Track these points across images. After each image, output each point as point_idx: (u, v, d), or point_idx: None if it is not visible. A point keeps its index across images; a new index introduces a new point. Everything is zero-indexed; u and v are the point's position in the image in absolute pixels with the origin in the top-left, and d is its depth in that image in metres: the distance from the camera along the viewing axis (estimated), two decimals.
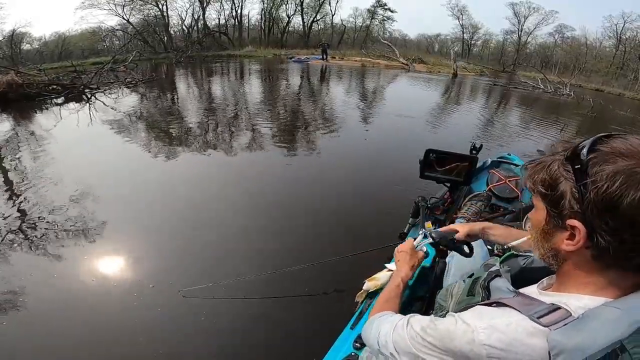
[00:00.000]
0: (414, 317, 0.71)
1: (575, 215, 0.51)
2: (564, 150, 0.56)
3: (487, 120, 7.97)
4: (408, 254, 1.10)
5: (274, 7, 27.56)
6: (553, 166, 0.56)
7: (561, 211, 0.54)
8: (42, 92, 7.47)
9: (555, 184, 0.54)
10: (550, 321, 0.50)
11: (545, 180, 0.56)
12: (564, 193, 0.53)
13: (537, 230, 0.61)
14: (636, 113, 11.09)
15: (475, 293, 0.81)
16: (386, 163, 4.28)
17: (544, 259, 0.61)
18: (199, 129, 5.77)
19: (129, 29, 21.24)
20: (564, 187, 0.53)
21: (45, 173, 3.67)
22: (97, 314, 1.92)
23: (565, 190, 0.53)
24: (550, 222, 0.57)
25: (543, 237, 0.59)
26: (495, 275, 0.76)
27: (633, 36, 23.38)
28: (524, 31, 28.29)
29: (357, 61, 20.01)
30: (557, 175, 0.54)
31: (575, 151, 0.53)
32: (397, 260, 1.11)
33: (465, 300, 0.83)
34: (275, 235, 2.70)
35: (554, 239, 0.57)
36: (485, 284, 0.77)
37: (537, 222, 0.60)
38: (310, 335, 1.81)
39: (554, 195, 0.55)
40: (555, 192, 0.54)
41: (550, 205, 0.56)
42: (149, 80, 10.39)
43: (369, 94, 10.44)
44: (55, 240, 2.53)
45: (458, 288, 0.99)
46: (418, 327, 0.66)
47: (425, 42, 34.13)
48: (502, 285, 0.70)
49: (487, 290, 0.76)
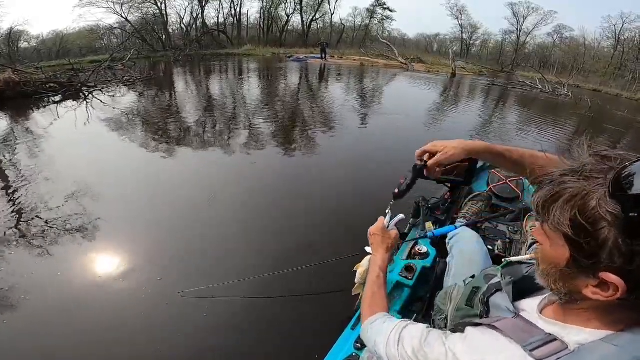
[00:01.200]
0: (406, 330, 0.70)
1: (614, 270, 0.41)
2: (600, 173, 0.43)
3: (486, 119, 7.98)
4: (380, 235, 1.05)
5: (273, 6, 27.54)
6: (590, 202, 0.42)
7: (595, 262, 0.43)
8: (40, 90, 7.42)
9: (592, 229, 0.41)
10: (543, 354, 0.48)
11: (576, 221, 0.42)
12: (604, 242, 0.41)
13: (551, 266, 0.51)
14: (634, 114, 11.13)
15: (474, 305, 0.79)
16: (386, 162, 4.27)
17: (555, 293, 0.53)
18: (198, 128, 5.75)
19: (127, 27, 21.16)
20: (606, 236, 0.40)
21: (42, 171, 3.64)
22: (96, 313, 1.91)
23: (607, 239, 0.40)
24: (573, 267, 0.46)
25: (560, 276, 0.49)
26: (496, 290, 0.72)
27: (632, 37, 23.47)
28: (523, 31, 28.44)
29: (356, 60, 20.00)
30: (597, 218, 0.41)
31: (621, 181, 0.40)
32: (371, 244, 1.07)
33: (464, 310, 0.83)
34: (275, 236, 2.70)
35: (575, 281, 0.47)
36: (484, 299, 0.74)
37: (553, 260, 0.49)
38: (311, 336, 1.80)
39: (588, 244, 0.42)
40: (592, 239, 0.42)
41: (579, 253, 0.44)
42: (147, 79, 10.34)
43: (368, 94, 10.43)
44: (52, 240, 2.51)
45: (457, 292, 0.96)
46: (410, 350, 0.65)
47: (424, 42, 34.23)
48: (501, 303, 0.67)
49: (486, 306, 0.73)
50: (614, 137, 7.41)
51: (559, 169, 0.48)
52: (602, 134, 7.52)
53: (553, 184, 0.46)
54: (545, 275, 0.52)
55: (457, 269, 1.24)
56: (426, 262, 1.63)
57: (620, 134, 7.90)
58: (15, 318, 1.88)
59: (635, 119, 10.34)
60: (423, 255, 1.67)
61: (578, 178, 0.44)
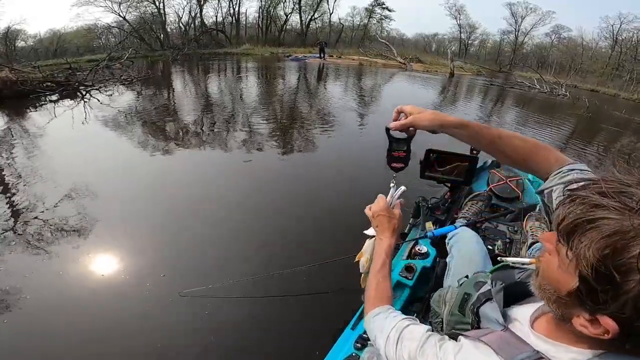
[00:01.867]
0: (407, 330, 0.69)
1: (615, 317, 0.38)
2: None
3: (484, 119, 7.99)
4: (385, 215, 0.93)
5: (271, 5, 27.50)
6: (632, 247, 0.35)
7: (599, 306, 0.39)
8: (37, 89, 7.38)
9: (618, 279, 0.36)
10: None
11: (604, 264, 0.36)
12: (623, 294, 0.36)
13: (549, 284, 0.48)
14: (631, 114, 11.18)
15: (465, 313, 0.78)
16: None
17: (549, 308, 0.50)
18: (196, 128, 5.73)
19: (125, 26, 21.09)
20: (630, 288, 0.35)
21: (40, 170, 3.62)
22: (94, 313, 1.90)
23: (630, 291, 0.35)
24: (573, 299, 0.43)
25: (555, 299, 0.47)
26: (486, 300, 0.71)
27: (629, 37, 23.57)
28: (521, 31, 28.49)
29: (355, 60, 19.99)
30: (631, 269, 0.35)
31: None
32: (374, 227, 0.96)
33: (456, 316, 0.82)
34: (275, 235, 2.69)
35: (569, 309, 0.45)
36: (474, 309, 0.73)
37: (555, 283, 0.46)
38: (311, 336, 1.80)
39: (605, 291, 0.37)
40: (611, 287, 0.37)
41: (588, 294, 0.40)
42: (145, 78, 10.31)
43: (367, 93, 10.43)
44: (50, 240, 2.50)
45: (451, 294, 0.92)
46: (406, 354, 0.64)
47: (423, 42, 34.28)
48: (491, 315, 0.65)
49: (476, 316, 0.72)
50: (612, 137, 7.45)
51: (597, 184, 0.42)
52: (599, 134, 7.55)
53: (591, 204, 0.39)
54: (541, 290, 0.50)
55: (456, 269, 1.23)
56: (426, 262, 1.63)
57: (617, 134, 7.94)
58: (15, 317, 1.87)
59: (633, 119, 10.39)
60: (423, 255, 1.67)
61: (621, 206, 0.37)
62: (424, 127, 0.80)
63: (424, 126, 0.79)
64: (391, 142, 0.88)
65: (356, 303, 1.54)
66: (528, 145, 0.73)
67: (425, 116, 0.79)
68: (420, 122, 0.79)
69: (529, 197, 2.17)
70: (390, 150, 0.90)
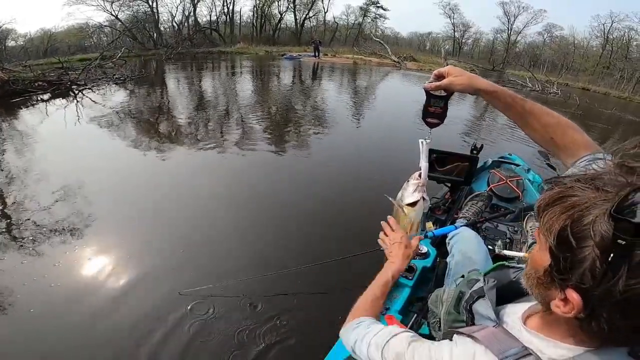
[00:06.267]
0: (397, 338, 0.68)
1: (578, 289, 0.41)
2: (613, 187, 0.40)
3: (477, 116, 8.09)
4: (402, 244, 0.98)
5: (266, 4, 27.36)
6: (586, 216, 0.39)
7: (565, 279, 0.42)
8: (28, 89, 7.26)
9: (575, 246, 0.39)
10: None
11: (564, 233, 0.40)
12: (581, 262, 0.39)
13: (532, 270, 0.50)
14: (622, 112, 11.34)
15: (459, 311, 0.80)
16: (386, 163, 4.28)
17: (535, 298, 0.53)
18: (191, 126, 5.68)
19: (118, 25, 20.84)
20: (585, 255, 0.39)
21: (32, 171, 3.57)
22: (94, 313, 1.88)
23: (586, 259, 0.39)
24: (548, 277, 0.46)
25: (537, 283, 0.49)
26: (478, 297, 0.72)
27: (620, 36, 23.86)
28: (514, 30, 28.70)
29: (349, 59, 19.99)
30: (586, 236, 0.39)
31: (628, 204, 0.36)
32: (389, 252, 1.00)
33: (453, 315, 0.83)
34: (276, 235, 2.68)
35: (548, 291, 0.47)
36: (467, 307, 0.74)
37: (536, 265, 0.49)
38: (311, 336, 1.80)
39: (565, 258, 0.41)
40: (571, 255, 0.40)
41: (555, 265, 0.43)
42: (138, 77, 10.20)
43: (361, 92, 10.45)
44: (47, 241, 2.46)
45: (447, 295, 0.94)
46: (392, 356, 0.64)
47: (417, 41, 34.38)
48: (483, 311, 0.67)
49: (470, 313, 0.73)
50: (601, 134, 7.54)
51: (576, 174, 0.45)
52: (588, 132, 7.63)
53: (561, 188, 0.44)
54: (527, 277, 0.52)
55: (457, 269, 1.23)
56: (426, 262, 1.63)
57: (607, 131, 8.04)
58: (12, 318, 1.86)
59: (622, 116, 10.55)
60: (423, 255, 1.67)
61: (589, 186, 0.41)
62: (458, 90, 0.80)
63: (458, 89, 0.80)
64: (429, 97, 0.87)
65: None
66: (558, 123, 0.72)
67: (461, 80, 0.79)
68: (455, 86, 0.80)
69: (529, 197, 2.18)
70: (427, 104, 0.89)
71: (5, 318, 1.87)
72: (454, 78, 0.79)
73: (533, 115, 0.74)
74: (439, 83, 0.81)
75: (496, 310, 0.65)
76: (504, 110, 0.77)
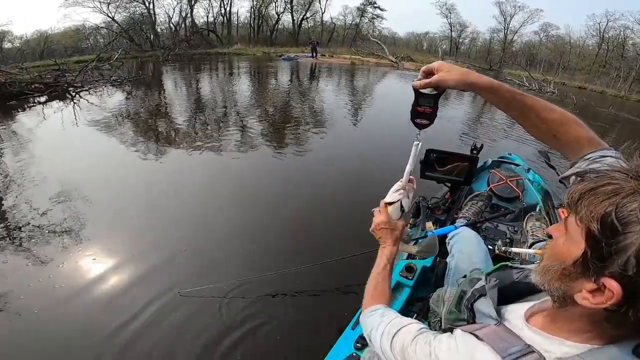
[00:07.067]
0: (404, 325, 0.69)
1: (619, 278, 0.40)
2: None
3: (474, 115, 8.11)
4: (388, 228, 0.94)
5: (263, 5, 27.33)
6: (632, 203, 0.39)
7: (604, 266, 0.41)
8: (25, 91, 7.23)
9: (621, 231, 0.39)
10: None
11: (609, 218, 0.40)
12: (625, 248, 0.39)
13: (555, 262, 0.49)
14: (618, 110, 11.39)
15: (461, 310, 0.79)
16: (387, 161, 4.28)
17: (548, 293, 0.51)
18: (189, 128, 5.67)
19: (114, 27, 20.77)
20: (631, 241, 0.38)
21: (30, 173, 3.55)
22: (93, 314, 1.89)
23: (631, 245, 0.38)
24: (579, 267, 0.44)
25: (560, 275, 0.47)
26: (480, 295, 0.71)
27: (616, 35, 23.96)
28: (510, 29, 28.78)
29: (347, 59, 19.99)
30: (632, 221, 0.39)
31: None
32: (378, 238, 0.98)
33: (454, 314, 0.83)
34: (276, 235, 2.68)
35: (573, 283, 0.46)
36: (469, 305, 0.74)
37: (561, 256, 0.47)
38: (311, 336, 1.80)
39: (607, 244, 0.40)
40: (614, 241, 0.39)
41: (594, 252, 0.42)
42: (135, 79, 10.16)
43: (359, 92, 10.45)
44: (50, 243, 2.46)
45: (449, 294, 0.94)
46: (400, 345, 0.65)
47: (414, 41, 34.41)
48: (485, 310, 0.66)
49: (471, 312, 0.72)
50: (598, 132, 7.54)
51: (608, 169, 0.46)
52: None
53: (600, 177, 0.44)
54: (545, 271, 0.50)
55: (457, 269, 1.23)
56: (426, 262, 1.63)
57: (604, 130, 8.08)
58: (17, 319, 1.86)
59: (618, 115, 10.60)
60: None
61: (630, 177, 0.42)
62: (450, 86, 0.74)
63: (450, 86, 0.73)
64: (417, 96, 0.80)
65: (356, 303, 1.54)
66: (561, 118, 0.70)
67: (453, 75, 0.72)
68: (446, 82, 0.73)
69: (529, 197, 2.18)
70: (415, 104, 0.82)
71: (11, 318, 1.87)
72: (444, 74, 0.73)
73: (533, 110, 0.70)
74: (429, 80, 0.75)
75: (497, 309, 0.65)
76: (503, 106, 0.72)
